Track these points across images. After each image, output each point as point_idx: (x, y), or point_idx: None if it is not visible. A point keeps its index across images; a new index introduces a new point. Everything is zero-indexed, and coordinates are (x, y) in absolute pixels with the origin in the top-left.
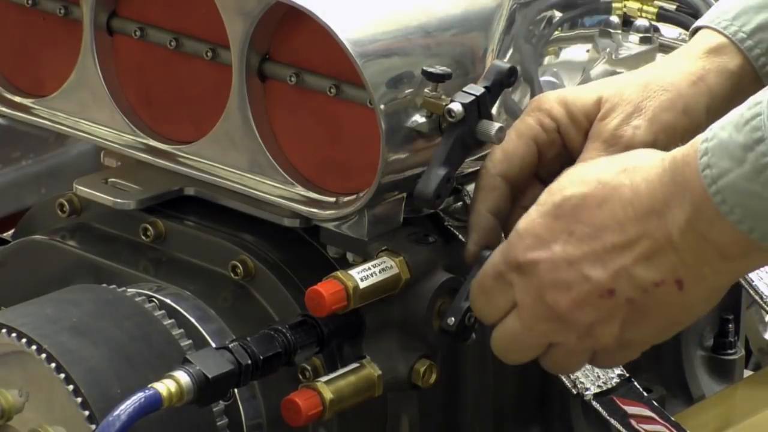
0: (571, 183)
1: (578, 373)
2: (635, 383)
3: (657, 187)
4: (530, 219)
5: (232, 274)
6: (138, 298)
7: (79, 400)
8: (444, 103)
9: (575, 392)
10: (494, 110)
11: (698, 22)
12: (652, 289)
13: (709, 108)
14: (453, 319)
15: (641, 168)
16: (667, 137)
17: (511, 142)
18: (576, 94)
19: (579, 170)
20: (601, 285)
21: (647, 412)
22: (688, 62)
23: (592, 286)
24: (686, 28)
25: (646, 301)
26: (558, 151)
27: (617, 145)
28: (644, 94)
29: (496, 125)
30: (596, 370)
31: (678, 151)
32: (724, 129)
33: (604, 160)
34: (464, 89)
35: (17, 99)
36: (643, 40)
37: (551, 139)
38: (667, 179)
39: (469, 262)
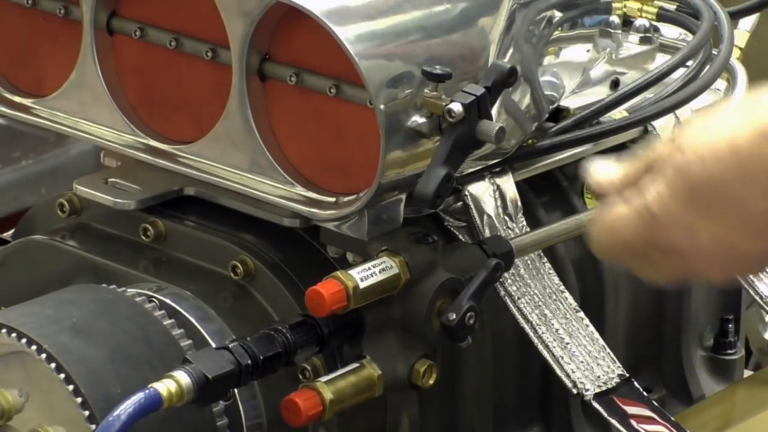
0: (699, 160)
1: (578, 373)
2: (635, 383)
3: None
4: (665, 205)
5: (232, 274)
6: (138, 298)
7: (79, 400)
8: (444, 103)
9: (575, 392)
10: (494, 110)
11: None
12: None
13: None
14: (454, 315)
15: None
16: None
17: None
18: None
19: (708, 136)
20: (760, 256)
21: (647, 412)
22: None
23: (750, 258)
24: (686, 28)
25: None
26: None
27: None
28: None
29: (496, 125)
30: (596, 370)
31: None
32: None
33: (729, 112)
34: (464, 89)
35: (17, 99)
36: (643, 40)
37: None
38: None
39: None
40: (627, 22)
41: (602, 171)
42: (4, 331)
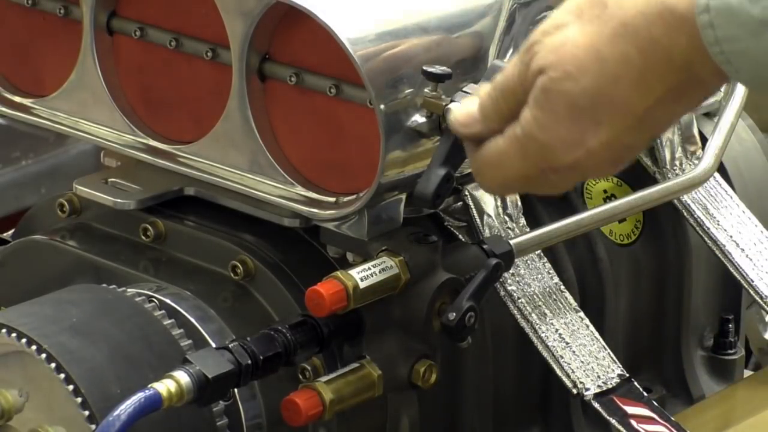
0: (568, 76)
1: (578, 373)
2: (635, 383)
3: (671, 48)
4: (549, 129)
5: (232, 274)
6: (138, 298)
7: (79, 400)
8: (444, 103)
9: (575, 392)
10: None
11: None
12: (684, 110)
13: None
14: (454, 314)
15: (636, 25)
16: None
17: None
18: None
19: (568, 51)
20: (643, 143)
21: (647, 412)
22: None
23: (635, 148)
24: None
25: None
26: None
27: None
28: None
29: None
30: (596, 369)
31: None
32: None
33: (582, 24)
34: (464, 89)
35: (17, 99)
36: None
37: None
38: (679, 38)
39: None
40: None
41: (460, 110)
42: (4, 331)
